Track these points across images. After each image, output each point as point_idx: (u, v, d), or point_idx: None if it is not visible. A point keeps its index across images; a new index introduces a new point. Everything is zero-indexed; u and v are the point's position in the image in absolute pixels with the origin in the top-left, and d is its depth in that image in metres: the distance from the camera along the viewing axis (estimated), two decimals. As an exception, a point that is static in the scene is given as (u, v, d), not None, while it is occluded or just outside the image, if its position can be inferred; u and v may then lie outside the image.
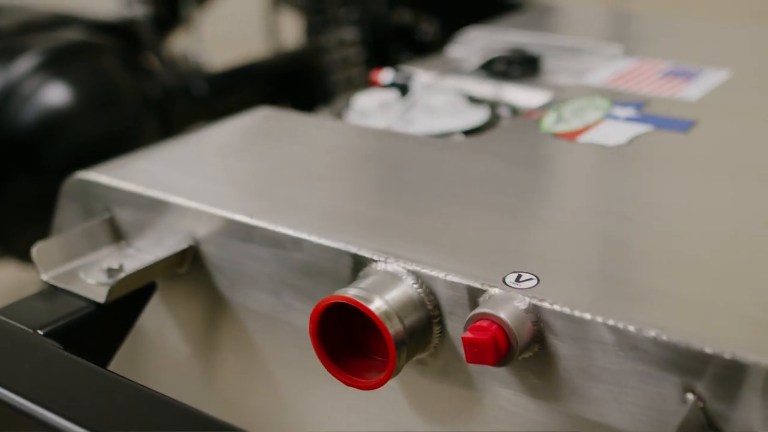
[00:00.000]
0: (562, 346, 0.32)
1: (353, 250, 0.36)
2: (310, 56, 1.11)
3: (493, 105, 0.61)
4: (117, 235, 0.45)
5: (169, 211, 0.42)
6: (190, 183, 0.44)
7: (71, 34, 0.87)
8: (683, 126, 0.49)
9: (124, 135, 0.83)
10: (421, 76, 0.63)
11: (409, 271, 0.35)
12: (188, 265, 0.42)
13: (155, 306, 0.44)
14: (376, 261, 0.36)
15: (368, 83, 1.13)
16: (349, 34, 1.08)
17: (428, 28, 1.19)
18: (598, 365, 0.31)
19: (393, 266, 0.35)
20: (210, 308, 0.43)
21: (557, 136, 0.49)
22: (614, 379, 0.31)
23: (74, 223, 0.46)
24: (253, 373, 0.42)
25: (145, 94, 0.87)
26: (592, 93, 0.56)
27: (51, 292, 0.41)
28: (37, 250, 0.42)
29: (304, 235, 0.38)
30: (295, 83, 1.13)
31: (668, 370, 0.30)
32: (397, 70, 0.68)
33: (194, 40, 1.22)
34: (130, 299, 0.41)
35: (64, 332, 0.38)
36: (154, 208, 0.43)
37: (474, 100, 0.61)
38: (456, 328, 0.35)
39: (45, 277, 0.42)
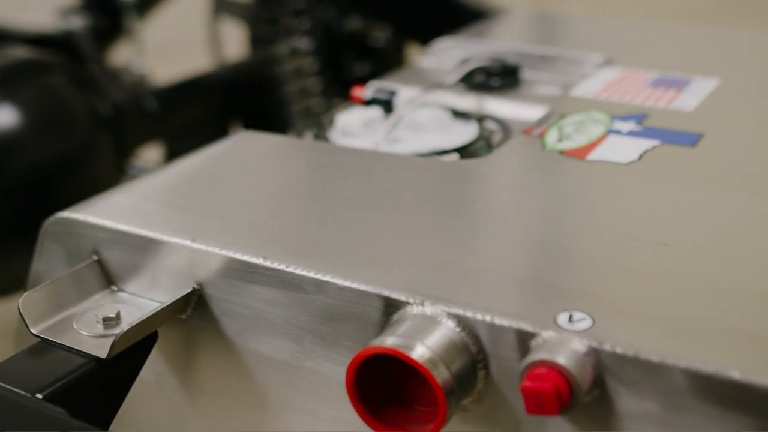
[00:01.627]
0: (624, 390, 0.30)
1: (385, 293, 0.34)
2: (262, 67, 1.07)
3: (480, 119, 0.59)
4: (107, 279, 0.41)
5: (169, 252, 0.39)
6: (186, 220, 0.41)
7: (16, 52, 0.82)
8: (690, 139, 0.48)
9: (77, 157, 0.79)
10: (403, 91, 0.60)
11: (449, 314, 0.33)
12: (191, 309, 0.39)
13: (152, 353, 0.41)
14: (411, 304, 0.33)
15: (324, 95, 1.10)
16: (302, 43, 1.05)
17: (380, 35, 1.17)
18: (666, 409, 0.29)
19: (431, 309, 0.33)
20: (215, 354, 0.39)
21: (564, 154, 0.47)
22: (682, 422, 0.29)
23: (57, 267, 0.42)
24: (267, 423, 0.39)
25: (97, 113, 0.83)
26: (588, 106, 0.54)
27: (43, 347, 0.37)
28: (23, 302, 0.38)
29: (327, 278, 0.35)
30: (248, 95, 1.09)
31: (744, 412, 0.28)
32: (376, 85, 0.66)
33: (137, 52, 1.18)
34: (131, 350, 0.37)
35: (65, 393, 0.34)
36: (151, 249, 0.39)
37: (459, 115, 0.59)
38: (502, 372, 0.32)
39: (35, 330, 0.38)
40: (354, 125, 0.57)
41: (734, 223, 0.38)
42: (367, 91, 0.60)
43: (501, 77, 0.65)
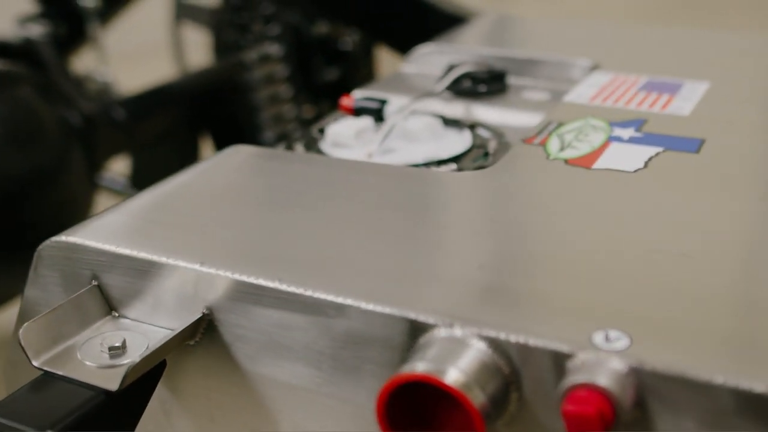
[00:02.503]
0: (667, 410, 0.29)
1: (412, 315, 0.33)
2: (231, 74, 1.05)
3: (472, 127, 0.58)
4: (108, 304, 0.39)
5: (175, 276, 0.37)
6: (191, 241, 0.39)
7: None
8: (692, 145, 0.48)
9: (50, 171, 0.76)
10: (393, 99, 0.59)
11: (480, 336, 0.32)
12: (200, 335, 0.37)
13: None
14: (439, 326, 0.32)
15: (294, 101, 1.08)
16: (272, 49, 1.03)
17: (348, 39, 1.16)
18: (710, 429, 0.29)
19: (460, 331, 0.32)
20: (226, 381, 0.38)
21: (570, 163, 0.46)
22: (727, 443, 0.29)
23: (52, 293, 0.41)
24: (282, 450, 0.38)
25: (67, 124, 0.80)
26: (584, 112, 0.54)
27: (47, 381, 0.35)
28: (24, 333, 0.36)
29: (349, 301, 0.34)
30: (217, 102, 1.07)
31: (792, 431, 0.28)
32: (361, 94, 0.65)
33: (99, 59, 1.15)
34: (140, 380, 0.36)
35: (76, 429, 0.33)
36: (155, 273, 0.38)
37: (450, 122, 0.58)
38: (536, 394, 0.31)
39: (37, 363, 0.36)
40: (346, 136, 0.55)
41: (755, 233, 0.38)
42: (356, 100, 0.59)
43: (488, 83, 0.65)
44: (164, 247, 0.38)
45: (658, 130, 0.50)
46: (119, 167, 1.11)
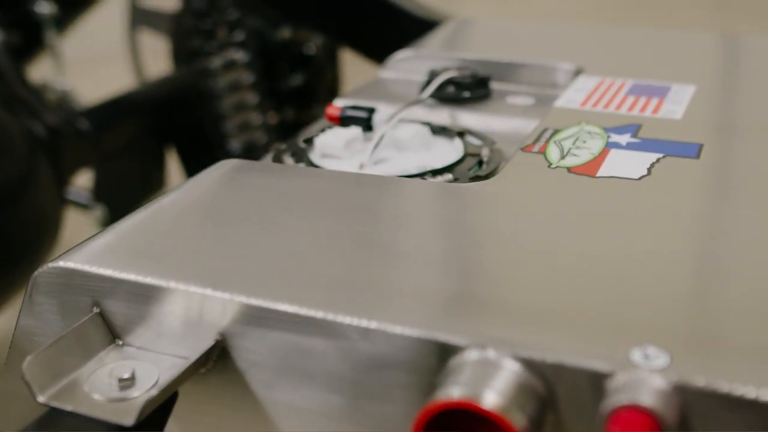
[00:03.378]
0: (712, 428, 0.29)
1: (441, 338, 0.32)
2: (195, 81, 1.03)
3: (461, 134, 0.57)
4: (111, 332, 0.38)
5: (185, 302, 0.36)
6: (198, 263, 0.38)
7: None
8: (691, 150, 0.48)
9: (18, 186, 0.73)
10: (378, 107, 0.58)
11: (514, 357, 0.31)
12: (212, 362, 0.36)
13: (164, 410, 0.37)
14: (470, 348, 0.31)
15: (259, 108, 1.06)
16: (237, 55, 1.01)
17: (312, 44, 1.15)
18: (756, 446, 0.28)
19: (493, 352, 0.31)
20: (239, 409, 0.36)
21: (573, 171, 0.45)
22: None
23: (49, 321, 0.39)
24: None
25: (33, 136, 0.77)
26: (577, 118, 0.53)
27: (55, 417, 0.34)
28: (28, 368, 0.34)
29: (374, 324, 0.33)
30: (182, 111, 1.05)
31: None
32: (344, 102, 0.64)
33: (57, 68, 1.12)
34: (153, 412, 0.34)
35: (91, 470, 0.31)
36: (163, 298, 0.36)
37: (438, 130, 0.57)
38: (573, 414, 0.31)
39: (43, 398, 0.34)
40: (335, 147, 0.54)
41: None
42: (342, 109, 0.58)
43: (472, 89, 0.64)
44: (171, 270, 0.37)
45: (655, 135, 0.50)
46: (80, 180, 1.08)
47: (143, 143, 1.01)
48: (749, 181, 0.44)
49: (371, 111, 0.57)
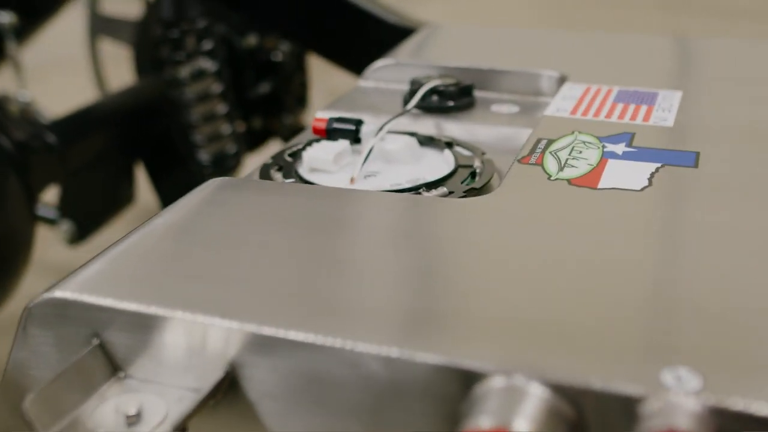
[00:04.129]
0: (748, 451, 0.28)
1: (466, 364, 0.31)
2: (163, 92, 1.01)
3: (449, 144, 0.56)
4: (112, 364, 0.36)
5: (192, 331, 0.34)
6: (202, 290, 0.36)
7: None
8: (689, 159, 0.47)
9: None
10: (364, 119, 0.57)
11: (542, 382, 0.30)
12: (221, 394, 0.35)
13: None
14: (496, 374, 0.30)
15: (228, 117, 1.04)
16: (205, 64, 1.00)
17: (279, 51, 1.13)
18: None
19: (520, 378, 0.30)
20: (249, 440, 0.35)
21: (573, 183, 0.45)
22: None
23: (45, 354, 0.37)
24: None
25: (1, 151, 0.75)
26: (568, 126, 0.53)
27: (61, 457, 0.32)
28: (30, 406, 0.33)
29: (395, 352, 0.32)
30: (151, 122, 1.03)
31: None
32: (327, 114, 0.63)
33: (18, 79, 1.09)
34: (162, 450, 0.33)
35: None
36: (168, 328, 0.35)
37: (426, 141, 0.57)
38: (603, 440, 0.30)
39: (47, 439, 0.33)
40: (324, 161, 0.53)
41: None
42: (329, 121, 0.56)
43: (456, 98, 0.63)
44: (174, 298, 0.35)
45: (649, 144, 0.50)
46: (46, 195, 1.05)
47: (111, 156, 0.99)
48: (751, 189, 0.44)
49: (359, 123, 0.56)
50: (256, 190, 0.47)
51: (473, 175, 0.52)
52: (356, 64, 0.98)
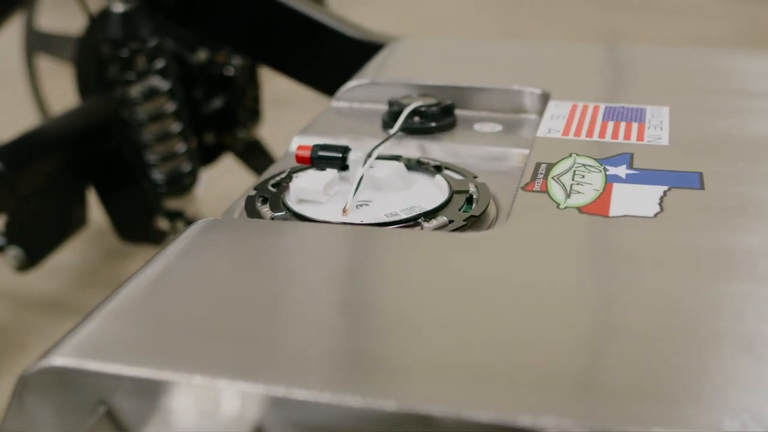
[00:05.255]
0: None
1: (523, 422, 0.29)
2: (114, 111, 0.97)
3: (437, 168, 0.54)
4: (121, 430, 0.33)
5: (211, 396, 0.32)
6: (214, 349, 0.34)
7: None
8: (693, 181, 0.47)
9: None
10: (344, 143, 0.55)
11: (603, 438, 0.28)
12: (246, 460, 0.32)
13: None
14: (554, 430, 0.29)
15: (182, 136, 1.00)
16: (157, 83, 0.96)
17: (230, 66, 1.10)
18: None
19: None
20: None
21: (584, 211, 0.44)
22: None
23: (45, 425, 0.34)
24: None
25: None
26: (564, 148, 0.51)
27: None
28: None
29: (439, 410, 0.30)
30: (101, 143, 0.99)
31: None
32: (303, 141, 0.60)
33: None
34: None
35: None
36: (186, 392, 0.32)
37: (414, 165, 0.55)
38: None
39: None
40: (315, 191, 0.51)
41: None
42: (313, 148, 0.54)
43: (437, 119, 0.61)
44: (187, 361, 0.33)
45: (650, 165, 0.49)
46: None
47: (61, 180, 0.95)
48: (763, 209, 0.43)
49: (345, 150, 0.54)
50: (251, 232, 0.44)
51: (469, 200, 0.50)
52: (317, 80, 0.96)
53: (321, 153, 0.54)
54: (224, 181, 1.34)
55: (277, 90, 1.16)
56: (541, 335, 0.34)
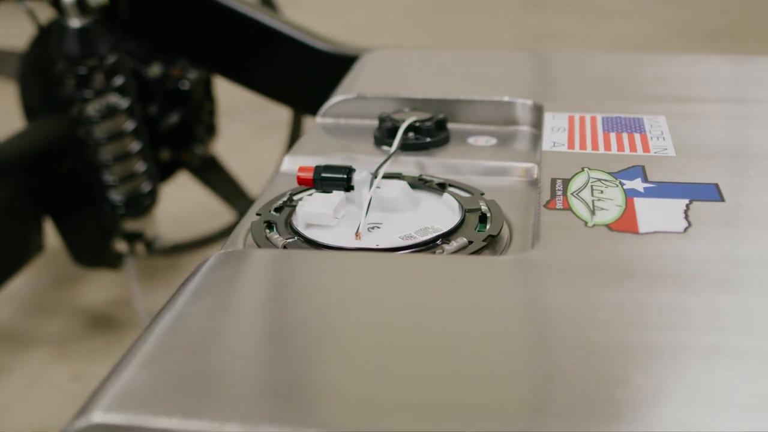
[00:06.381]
0: None
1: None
2: (70, 131, 0.93)
3: (442, 186, 0.53)
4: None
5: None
6: (278, 397, 0.32)
7: None
8: (711, 192, 0.46)
9: None
10: (340, 161, 0.53)
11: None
12: None
13: None
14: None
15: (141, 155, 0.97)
16: (116, 101, 0.92)
17: (185, 80, 1.07)
18: None
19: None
20: None
21: (613, 228, 0.43)
22: None
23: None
24: None
25: None
26: (574, 162, 0.51)
27: None
28: None
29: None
30: (56, 165, 0.95)
31: None
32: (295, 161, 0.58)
33: None
34: None
35: None
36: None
37: (419, 184, 0.53)
38: None
39: None
40: (326, 215, 0.49)
41: None
42: (316, 170, 0.52)
43: (433, 134, 0.60)
44: (247, 410, 0.31)
45: (664, 178, 0.49)
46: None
47: (14, 206, 0.90)
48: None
49: (350, 171, 0.52)
50: (274, 265, 0.42)
51: (482, 219, 0.49)
52: (277, 91, 0.94)
53: (324, 174, 0.52)
54: (175, 199, 1.30)
55: (222, 99, 1.14)
56: (625, 360, 0.33)
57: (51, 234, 1.03)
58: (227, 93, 1.16)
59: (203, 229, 1.23)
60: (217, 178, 1.17)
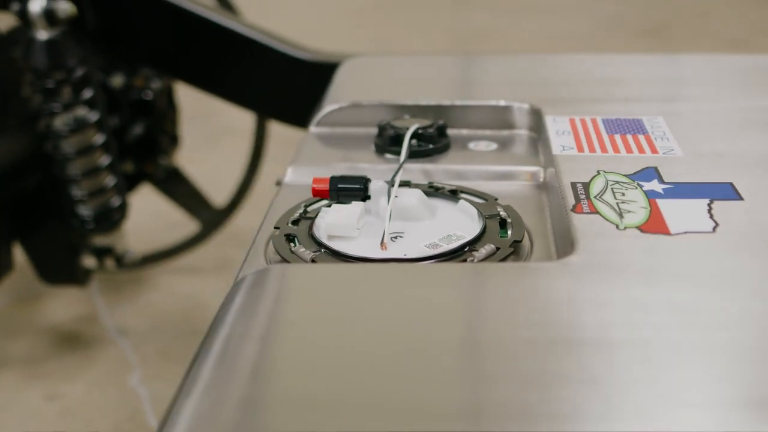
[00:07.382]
0: None
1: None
2: (37, 146, 0.91)
3: (454, 192, 0.54)
4: None
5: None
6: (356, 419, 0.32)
7: None
8: (729, 191, 0.48)
9: None
10: (343, 170, 0.53)
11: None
12: None
13: None
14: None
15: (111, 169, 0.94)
16: (84, 114, 0.90)
17: (148, 90, 1.05)
18: None
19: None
20: None
21: (644, 230, 0.44)
22: None
23: None
24: None
25: None
26: (588, 167, 0.52)
27: None
28: None
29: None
30: (22, 180, 0.92)
31: None
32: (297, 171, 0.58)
33: None
34: None
35: None
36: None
37: (432, 191, 0.54)
38: None
39: None
40: (349, 226, 0.49)
41: None
42: (332, 181, 0.52)
43: (435, 140, 0.60)
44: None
45: (679, 178, 0.50)
46: None
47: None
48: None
49: (366, 181, 0.52)
50: (315, 280, 0.42)
51: (502, 224, 0.49)
52: (249, 99, 0.93)
53: (341, 185, 0.52)
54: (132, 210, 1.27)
55: (183, 105, 1.12)
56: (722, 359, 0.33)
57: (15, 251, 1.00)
58: (188, 99, 1.14)
59: (164, 241, 1.21)
60: (180, 189, 1.15)
